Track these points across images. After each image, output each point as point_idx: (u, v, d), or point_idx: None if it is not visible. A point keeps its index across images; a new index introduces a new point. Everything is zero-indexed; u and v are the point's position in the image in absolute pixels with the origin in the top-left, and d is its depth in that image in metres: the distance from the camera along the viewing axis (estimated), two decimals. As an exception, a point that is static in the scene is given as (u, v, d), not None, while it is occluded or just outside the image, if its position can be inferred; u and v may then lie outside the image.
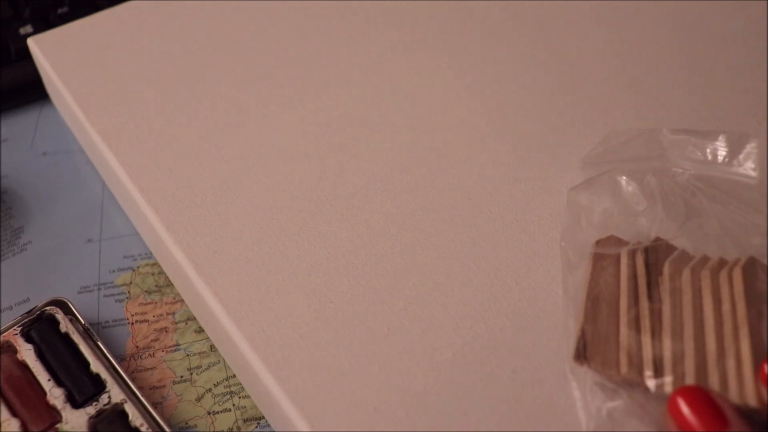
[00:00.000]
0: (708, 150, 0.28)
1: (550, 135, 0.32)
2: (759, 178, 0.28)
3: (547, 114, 0.33)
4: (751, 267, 0.25)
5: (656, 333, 0.24)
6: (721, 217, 0.27)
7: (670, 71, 0.34)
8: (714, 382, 0.22)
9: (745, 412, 0.22)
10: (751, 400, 0.22)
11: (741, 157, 0.28)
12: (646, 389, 0.23)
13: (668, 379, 0.23)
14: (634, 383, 0.23)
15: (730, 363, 0.23)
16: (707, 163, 0.28)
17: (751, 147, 0.28)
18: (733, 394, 0.22)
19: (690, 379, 0.23)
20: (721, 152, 0.28)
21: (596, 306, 0.25)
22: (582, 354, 0.24)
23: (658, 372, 0.23)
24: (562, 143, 0.31)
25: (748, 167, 0.28)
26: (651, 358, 0.23)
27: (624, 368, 0.23)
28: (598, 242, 0.27)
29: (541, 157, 0.31)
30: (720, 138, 0.28)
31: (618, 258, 0.26)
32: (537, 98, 0.33)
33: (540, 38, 0.36)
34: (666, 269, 0.25)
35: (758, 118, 0.32)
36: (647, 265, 0.25)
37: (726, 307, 0.24)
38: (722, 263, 0.25)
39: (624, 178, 0.28)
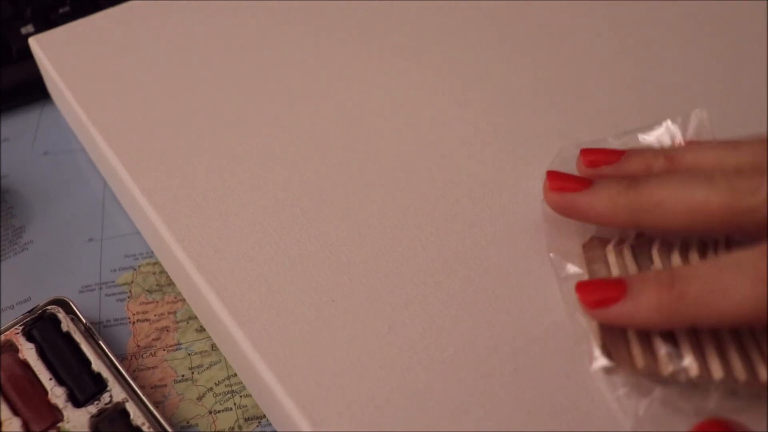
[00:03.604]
0: (657, 140, 0.29)
1: (552, 135, 0.32)
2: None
3: (549, 114, 0.33)
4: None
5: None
6: None
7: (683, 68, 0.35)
8: (736, 362, 0.23)
9: None
10: None
11: (690, 133, 0.28)
12: (672, 378, 0.23)
13: (688, 362, 0.23)
14: (657, 374, 0.23)
15: (749, 341, 0.23)
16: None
17: (697, 122, 0.28)
18: (762, 373, 0.22)
19: (712, 358, 0.23)
20: (671, 137, 0.28)
21: None
22: (607, 359, 0.23)
23: (675, 358, 0.23)
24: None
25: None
26: (664, 346, 0.23)
27: (640, 362, 0.23)
28: (584, 247, 0.27)
29: (543, 156, 0.31)
30: (664, 125, 0.29)
31: (606, 258, 0.26)
32: (538, 99, 0.33)
33: (532, 39, 0.36)
34: (655, 257, 0.25)
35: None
36: (636, 258, 0.26)
37: None
38: (703, 245, 0.26)
39: None
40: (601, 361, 0.23)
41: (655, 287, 0.22)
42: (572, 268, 0.26)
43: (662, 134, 0.29)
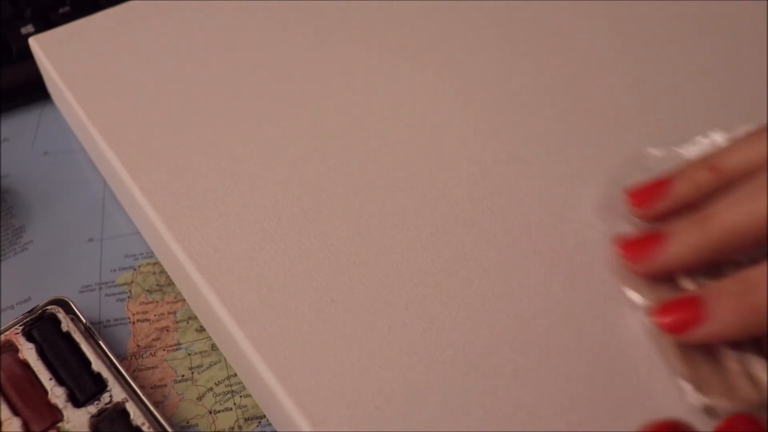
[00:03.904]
0: (700, 152, 0.28)
1: (552, 136, 0.32)
2: None
3: (549, 115, 0.33)
4: None
5: (762, 340, 0.23)
6: None
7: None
8: None
9: None
10: None
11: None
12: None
13: None
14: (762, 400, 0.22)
15: None
16: None
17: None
18: None
19: None
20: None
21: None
22: (703, 393, 0.23)
23: None
24: (564, 144, 0.31)
25: None
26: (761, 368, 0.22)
27: (749, 392, 0.22)
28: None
29: (543, 157, 0.31)
30: (704, 140, 0.28)
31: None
32: (538, 99, 0.33)
33: (532, 40, 0.36)
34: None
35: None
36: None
37: None
38: None
39: None
40: (697, 397, 0.23)
41: (732, 300, 0.22)
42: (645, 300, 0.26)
43: (705, 146, 0.28)
